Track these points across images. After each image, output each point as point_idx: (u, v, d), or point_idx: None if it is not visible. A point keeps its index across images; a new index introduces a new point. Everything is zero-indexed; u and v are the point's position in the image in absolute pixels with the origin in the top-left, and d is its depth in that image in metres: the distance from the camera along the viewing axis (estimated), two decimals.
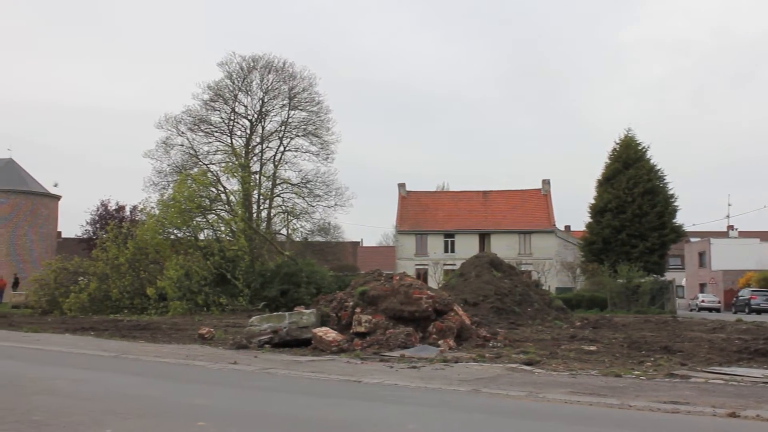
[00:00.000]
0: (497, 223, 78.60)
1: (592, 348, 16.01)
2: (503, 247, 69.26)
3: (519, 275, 30.96)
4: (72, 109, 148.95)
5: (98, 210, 71.36)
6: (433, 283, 59.29)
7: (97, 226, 67.45)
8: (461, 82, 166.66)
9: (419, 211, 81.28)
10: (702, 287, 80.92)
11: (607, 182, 60.91)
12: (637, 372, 12.03)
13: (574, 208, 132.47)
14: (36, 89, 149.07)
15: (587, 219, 62.66)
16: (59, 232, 79.09)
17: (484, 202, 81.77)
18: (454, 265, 61.15)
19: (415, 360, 13.69)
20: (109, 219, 61.08)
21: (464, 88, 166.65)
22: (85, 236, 70.19)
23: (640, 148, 61.53)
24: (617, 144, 62.50)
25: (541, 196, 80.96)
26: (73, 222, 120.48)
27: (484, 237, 78.12)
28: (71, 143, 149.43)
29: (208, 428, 7.14)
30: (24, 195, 70.15)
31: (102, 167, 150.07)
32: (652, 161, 60.99)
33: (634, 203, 58.33)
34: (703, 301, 69.38)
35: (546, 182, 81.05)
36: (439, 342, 15.87)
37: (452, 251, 77.05)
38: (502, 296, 26.85)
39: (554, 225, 78.69)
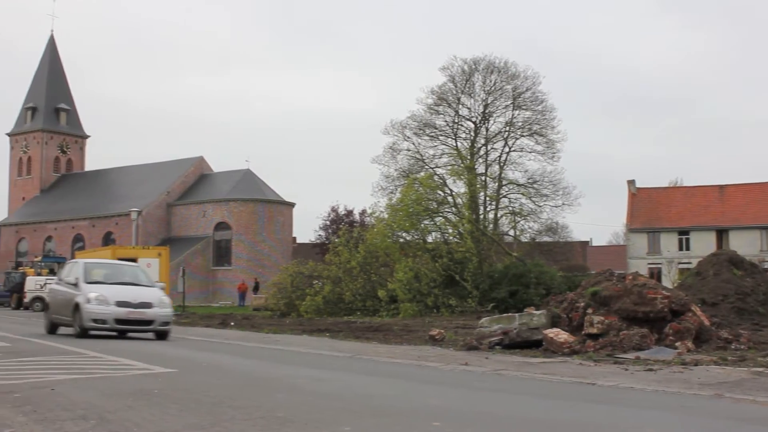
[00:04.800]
0: (736, 219, 74.71)
1: None
2: (743, 244, 65.57)
3: (762, 273, 29.17)
4: (304, 120, 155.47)
5: (329, 215, 74.01)
6: (667, 282, 57.01)
7: (329, 231, 69.96)
8: (694, 71, 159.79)
9: (651, 208, 78.58)
10: None
11: None
12: None
13: None
14: (270, 103, 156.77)
15: None
16: (294, 238, 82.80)
17: (720, 197, 77.92)
18: (690, 263, 58.70)
19: (651, 362, 13.22)
20: (340, 224, 63.24)
21: (698, 77, 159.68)
22: (318, 241, 73.05)
23: None
24: None
25: None
26: (306, 228, 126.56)
27: (721, 233, 74.46)
28: (304, 152, 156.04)
29: (443, 428, 7.19)
30: (261, 203, 74.06)
31: (333, 174, 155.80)
32: None
33: None
34: None
35: None
36: (676, 344, 15.23)
37: (687, 249, 74.00)
38: (744, 296, 25.39)
39: None
